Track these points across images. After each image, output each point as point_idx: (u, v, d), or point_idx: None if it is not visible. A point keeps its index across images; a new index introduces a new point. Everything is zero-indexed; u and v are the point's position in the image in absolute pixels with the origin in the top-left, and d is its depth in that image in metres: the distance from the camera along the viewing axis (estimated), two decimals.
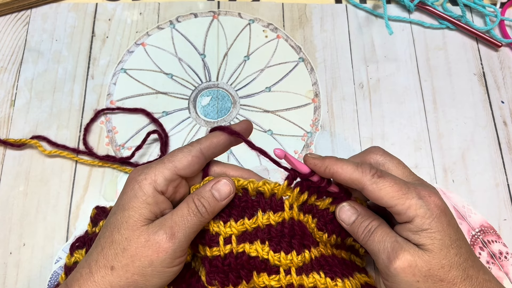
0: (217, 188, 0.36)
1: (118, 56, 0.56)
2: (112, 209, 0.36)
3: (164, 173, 0.35)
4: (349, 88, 0.56)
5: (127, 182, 0.36)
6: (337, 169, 0.35)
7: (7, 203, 0.48)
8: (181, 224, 0.34)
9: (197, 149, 0.37)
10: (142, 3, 0.60)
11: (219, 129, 0.38)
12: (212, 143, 0.37)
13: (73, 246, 0.43)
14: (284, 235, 0.38)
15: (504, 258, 0.47)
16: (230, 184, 0.37)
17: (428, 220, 0.33)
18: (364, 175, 0.35)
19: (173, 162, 0.36)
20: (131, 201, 0.35)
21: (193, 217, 0.35)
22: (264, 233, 0.38)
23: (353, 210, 0.37)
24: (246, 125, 0.39)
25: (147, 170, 0.36)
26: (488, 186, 0.51)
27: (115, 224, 0.35)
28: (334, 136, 0.53)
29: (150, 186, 0.35)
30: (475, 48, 0.59)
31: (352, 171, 0.35)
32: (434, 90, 0.56)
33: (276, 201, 0.38)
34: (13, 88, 0.54)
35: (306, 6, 0.60)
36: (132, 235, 0.34)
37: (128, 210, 0.35)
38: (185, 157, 0.36)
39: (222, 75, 0.56)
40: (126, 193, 0.35)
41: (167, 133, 0.52)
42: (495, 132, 0.54)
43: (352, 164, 0.36)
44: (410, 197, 0.34)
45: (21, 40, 0.57)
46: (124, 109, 0.53)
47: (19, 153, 0.50)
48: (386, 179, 0.34)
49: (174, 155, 0.36)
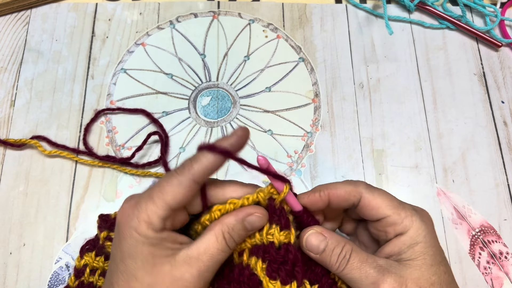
0: (250, 222, 0.33)
1: (118, 56, 0.56)
2: (116, 255, 0.33)
3: (158, 213, 0.31)
4: (349, 88, 0.56)
5: (121, 228, 0.32)
6: (331, 189, 0.34)
7: (7, 203, 0.48)
8: (209, 263, 0.32)
9: (189, 179, 0.32)
10: (142, 3, 0.60)
11: (208, 148, 0.32)
12: (205, 168, 0.32)
13: (83, 249, 0.43)
14: (286, 261, 0.33)
15: (504, 258, 0.47)
16: (263, 217, 0.33)
17: (423, 233, 0.32)
18: (359, 187, 0.34)
19: (164, 200, 0.31)
20: (137, 247, 0.31)
21: (222, 255, 0.32)
22: (266, 252, 0.34)
23: (321, 237, 0.34)
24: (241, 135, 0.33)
25: (138, 213, 0.31)
26: (488, 186, 0.51)
27: (129, 272, 0.32)
28: (334, 136, 0.53)
29: (148, 229, 0.31)
30: (475, 48, 0.59)
31: (347, 186, 0.34)
32: (434, 90, 0.56)
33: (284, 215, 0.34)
34: (13, 88, 0.54)
35: (306, 6, 0.60)
36: (154, 281, 0.31)
37: (139, 257, 0.31)
38: (177, 190, 0.32)
39: (222, 75, 0.56)
40: (126, 240, 0.32)
41: (167, 134, 0.52)
42: (495, 132, 0.54)
43: (345, 181, 0.35)
44: (405, 208, 0.33)
45: (21, 40, 0.57)
46: (125, 110, 0.53)
47: (19, 153, 0.50)
48: (381, 191, 0.34)
49: (163, 189, 0.32)
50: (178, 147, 0.52)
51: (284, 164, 0.51)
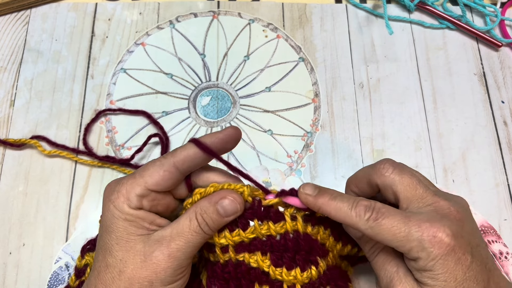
0: (222, 205, 0.34)
1: (118, 56, 0.56)
2: (98, 231, 0.35)
3: (135, 189, 0.33)
4: (349, 88, 0.56)
5: (103, 202, 0.34)
6: (330, 211, 0.33)
7: (6, 203, 0.48)
8: (180, 243, 0.32)
9: (170, 163, 0.33)
10: (142, 3, 0.60)
11: (194, 142, 0.34)
12: (187, 156, 0.34)
13: (84, 249, 0.43)
14: (287, 249, 0.35)
15: (504, 258, 0.47)
16: (237, 203, 0.34)
17: (431, 263, 0.30)
18: (359, 219, 0.32)
19: (144, 177, 0.33)
20: (113, 222, 0.33)
21: (195, 236, 0.33)
22: (265, 245, 0.35)
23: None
24: (230, 133, 0.35)
25: (119, 187, 0.33)
26: (488, 186, 0.51)
27: (106, 246, 0.33)
28: (334, 136, 0.53)
29: (124, 204, 0.33)
30: (475, 48, 0.59)
31: (346, 215, 0.33)
32: (434, 90, 0.56)
33: (275, 210, 0.36)
34: (12, 88, 0.54)
35: (306, 6, 0.60)
36: (126, 256, 0.32)
37: (114, 232, 0.33)
38: (157, 171, 0.33)
39: (222, 75, 0.56)
40: (105, 214, 0.33)
41: (168, 136, 0.52)
42: (495, 132, 0.54)
43: (346, 205, 0.33)
44: (411, 239, 0.30)
45: (21, 40, 0.57)
46: (126, 111, 0.53)
47: (19, 153, 0.50)
48: (383, 222, 0.31)
49: (146, 169, 0.33)
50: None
51: (284, 164, 0.51)
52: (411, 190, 0.34)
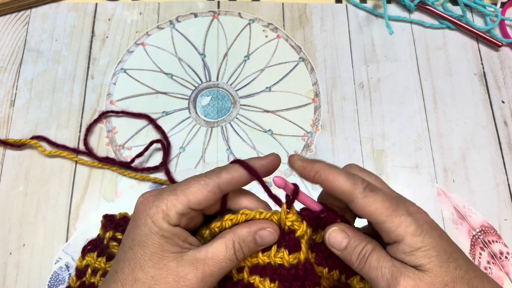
0: (261, 236, 0.34)
1: (118, 56, 0.56)
2: (126, 243, 0.34)
3: (177, 207, 0.32)
4: (349, 88, 0.56)
5: (138, 215, 0.33)
6: (328, 176, 0.33)
7: (6, 203, 0.48)
8: (215, 269, 0.32)
9: (215, 183, 0.33)
10: (142, 3, 0.59)
11: (241, 164, 0.34)
12: (232, 178, 0.33)
13: (85, 249, 0.43)
14: (297, 278, 0.34)
15: (504, 258, 0.47)
16: (275, 234, 0.34)
17: (420, 238, 0.31)
18: (355, 187, 0.32)
19: (187, 196, 0.32)
20: (149, 237, 0.32)
21: (229, 263, 0.32)
22: (275, 273, 0.34)
23: (344, 234, 0.34)
24: (273, 161, 0.36)
25: (158, 202, 0.32)
26: (488, 186, 0.51)
27: (136, 261, 0.32)
28: (334, 136, 0.53)
29: (164, 221, 0.32)
30: (475, 48, 0.59)
31: (343, 181, 0.33)
32: (434, 90, 0.56)
33: (293, 239, 0.35)
34: (12, 88, 0.54)
35: (306, 6, 0.60)
36: (159, 273, 0.32)
37: (149, 247, 0.32)
38: (201, 191, 0.32)
39: (222, 75, 0.56)
40: (140, 228, 0.32)
41: (169, 141, 0.51)
42: (495, 132, 0.54)
43: (343, 173, 0.33)
44: (400, 213, 0.31)
45: (21, 40, 0.57)
46: (129, 113, 0.53)
47: (19, 153, 0.50)
48: (377, 193, 0.32)
49: (189, 187, 0.33)
50: (178, 147, 0.52)
51: (284, 164, 0.51)
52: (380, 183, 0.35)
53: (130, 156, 0.51)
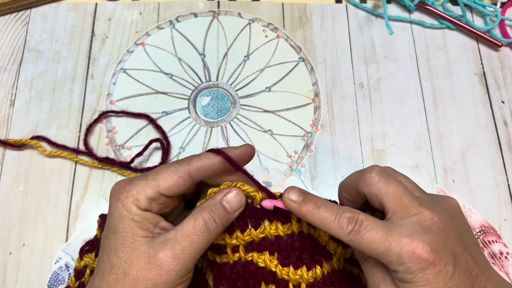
0: (228, 200, 0.34)
1: (118, 56, 0.56)
2: (104, 230, 0.35)
3: (146, 191, 0.33)
4: (349, 88, 0.56)
5: (111, 201, 0.34)
6: (314, 221, 0.33)
7: (6, 203, 0.48)
8: (185, 245, 0.32)
9: (185, 170, 0.34)
10: (142, 3, 0.59)
11: (214, 151, 0.35)
12: (203, 165, 0.34)
13: (82, 250, 0.43)
14: (294, 248, 0.36)
15: (504, 258, 0.47)
16: (241, 194, 0.35)
17: (410, 276, 0.30)
18: (341, 231, 0.32)
19: (157, 181, 0.33)
20: (120, 221, 0.33)
21: (200, 236, 0.32)
22: (273, 245, 0.36)
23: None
24: (246, 151, 0.36)
25: (129, 187, 0.33)
26: (488, 186, 0.51)
27: (111, 247, 0.33)
28: (334, 136, 0.53)
29: (133, 204, 0.33)
30: (475, 48, 0.59)
31: (329, 226, 0.33)
32: (434, 90, 0.56)
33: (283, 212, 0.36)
34: (12, 88, 0.54)
35: (306, 6, 0.60)
36: (131, 257, 0.32)
37: (120, 232, 0.32)
38: (170, 176, 0.33)
39: (222, 75, 0.56)
40: (112, 213, 0.33)
41: (169, 140, 0.51)
42: (495, 132, 0.54)
43: (330, 215, 0.33)
44: (390, 253, 0.30)
45: (21, 40, 0.57)
46: (129, 113, 0.53)
47: (19, 153, 0.50)
48: (364, 235, 0.31)
49: (159, 173, 0.33)
50: (178, 147, 0.52)
51: (284, 164, 0.51)
52: (396, 200, 0.33)
53: (130, 156, 0.51)
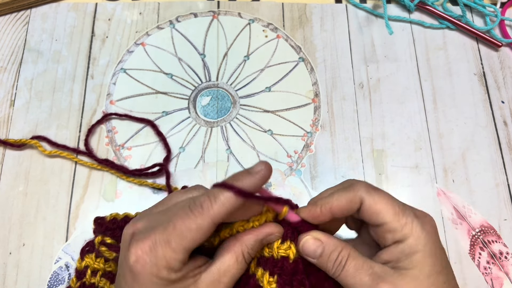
0: (268, 241, 0.34)
1: (118, 56, 0.56)
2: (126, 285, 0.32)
3: (177, 257, 0.30)
4: (349, 88, 0.56)
5: (139, 277, 0.30)
6: (332, 201, 0.33)
7: (6, 203, 0.48)
8: (230, 282, 0.32)
9: (208, 222, 0.31)
10: (142, 3, 0.60)
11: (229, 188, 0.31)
12: (226, 210, 0.31)
13: (83, 251, 0.43)
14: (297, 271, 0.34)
15: (504, 258, 0.47)
16: (280, 236, 0.34)
17: (423, 241, 0.31)
18: (358, 191, 0.32)
19: (183, 246, 0.30)
20: None
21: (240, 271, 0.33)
22: (276, 266, 0.34)
23: (318, 243, 0.33)
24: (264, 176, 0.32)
25: (156, 260, 0.30)
26: (488, 186, 0.51)
27: None
28: (334, 136, 0.53)
29: (170, 273, 0.30)
30: (475, 48, 0.59)
31: (346, 193, 0.33)
32: (434, 90, 0.56)
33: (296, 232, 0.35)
34: (12, 88, 0.54)
35: (306, 6, 0.60)
36: None
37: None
38: (195, 235, 0.31)
39: (222, 75, 0.56)
40: (146, 285, 0.30)
41: (170, 147, 0.51)
42: (495, 132, 0.54)
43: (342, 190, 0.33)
44: (406, 214, 0.31)
45: (21, 40, 0.57)
46: (131, 117, 0.53)
47: (19, 153, 0.50)
48: (383, 193, 0.32)
49: (182, 236, 0.30)
50: (178, 147, 0.52)
51: (284, 164, 0.51)
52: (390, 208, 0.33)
53: (130, 156, 0.51)
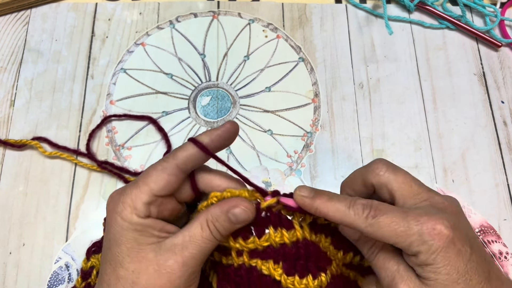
0: (234, 213, 0.33)
1: (118, 56, 0.56)
2: (104, 243, 0.34)
3: (142, 198, 0.32)
4: (349, 88, 0.56)
5: (108, 215, 0.33)
6: (328, 212, 0.33)
7: (6, 203, 0.48)
8: (194, 251, 0.32)
9: (173, 165, 0.33)
10: (142, 3, 0.60)
11: (193, 141, 0.33)
12: (189, 156, 0.33)
13: (89, 251, 0.43)
14: (299, 256, 0.35)
15: (504, 258, 0.47)
16: (249, 212, 0.34)
17: (432, 256, 0.30)
18: (357, 218, 0.32)
19: (148, 184, 0.32)
20: (122, 234, 0.32)
21: (207, 243, 0.33)
22: (278, 254, 0.35)
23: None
24: (228, 129, 0.34)
25: (124, 198, 0.32)
26: (488, 186, 0.51)
27: (116, 260, 0.32)
28: (334, 136, 0.53)
29: (132, 214, 0.32)
30: (475, 48, 0.59)
31: (344, 215, 0.32)
32: (434, 90, 0.56)
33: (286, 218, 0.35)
34: (12, 88, 0.54)
35: (306, 6, 0.60)
36: (139, 267, 0.32)
37: (124, 243, 0.32)
38: (160, 176, 0.33)
39: (222, 75, 0.56)
40: (112, 227, 0.33)
41: (170, 143, 0.51)
42: (495, 132, 0.54)
43: (344, 204, 0.33)
44: (410, 233, 0.30)
45: (21, 40, 0.57)
46: (131, 116, 0.53)
47: (19, 153, 0.50)
48: (381, 218, 0.31)
49: (148, 176, 0.33)
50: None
51: (284, 164, 0.51)
52: (406, 187, 0.34)
53: (130, 155, 0.51)
